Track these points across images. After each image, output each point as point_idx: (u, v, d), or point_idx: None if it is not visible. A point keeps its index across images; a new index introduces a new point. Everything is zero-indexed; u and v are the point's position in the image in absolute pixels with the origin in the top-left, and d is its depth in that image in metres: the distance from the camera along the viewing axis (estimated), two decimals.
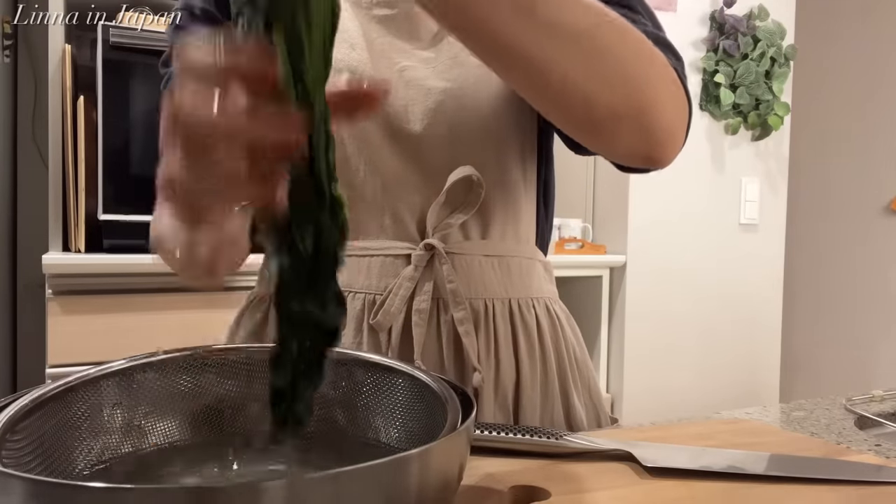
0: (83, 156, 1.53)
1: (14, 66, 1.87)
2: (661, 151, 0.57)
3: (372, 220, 0.67)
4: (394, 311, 0.65)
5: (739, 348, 2.42)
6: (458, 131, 0.66)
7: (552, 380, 0.70)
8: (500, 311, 0.68)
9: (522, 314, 0.70)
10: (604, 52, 0.50)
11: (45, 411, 0.41)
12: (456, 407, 0.42)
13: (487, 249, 0.69)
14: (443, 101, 0.66)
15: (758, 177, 2.42)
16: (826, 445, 0.61)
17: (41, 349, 1.48)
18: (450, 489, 0.39)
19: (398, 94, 0.66)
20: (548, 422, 0.69)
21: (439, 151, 0.66)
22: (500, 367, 0.67)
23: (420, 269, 0.66)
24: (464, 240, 0.68)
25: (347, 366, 0.51)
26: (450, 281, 0.66)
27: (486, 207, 0.68)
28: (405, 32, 0.68)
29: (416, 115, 0.66)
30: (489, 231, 0.69)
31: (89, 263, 1.45)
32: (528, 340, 0.69)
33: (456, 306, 0.66)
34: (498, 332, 0.68)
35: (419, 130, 0.66)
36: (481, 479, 0.50)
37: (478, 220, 0.68)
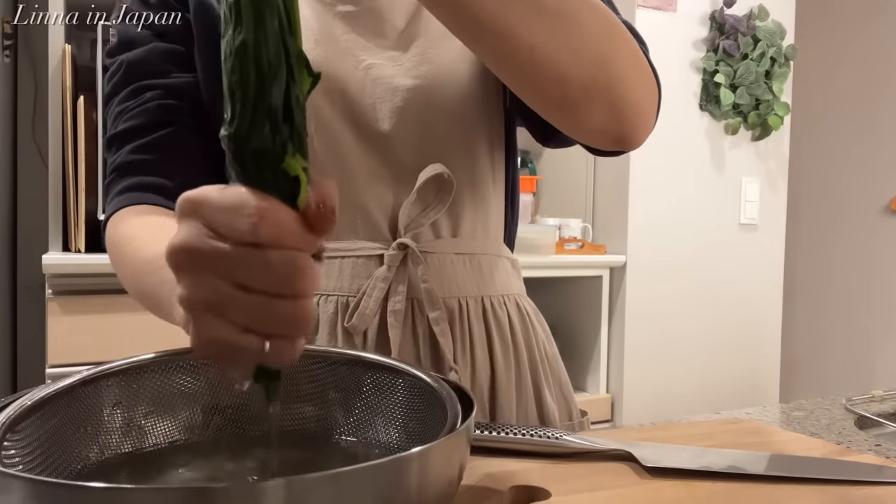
0: (83, 156, 1.53)
1: (14, 66, 1.87)
2: (632, 130, 0.57)
3: (342, 220, 0.66)
4: (369, 314, 0.65)
5: (739, 348, 2.42)
6: (428, 129, 0.66)
7: (525, 376, 0.71)
8: (473, 310, 0.68)
9: (495, 311, 0.70)
10: (574, 24, 0.50)
11: (45, 411, 0.41)
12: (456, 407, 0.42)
13: (458, 247, 0.69)
14: (411, 99, 0.65)
15: (758, 177, 2.42)
16: (826, 445, 0.61)
17: (41, 349, 1.48)
18: (450, 489, 0.39)
19: (365, 92, 0.65)
20: (522, 418, 0.70)
21: (409, 150, 0.66)
22: (476, 366, 0.68)
23: (393, 269, 0.65)
24: (435, 238, 0.68)
25: (347, 366, 0.51)
26: (424, 280, 0.66)
27: (456, 205, 0.68)
28: (370, 30, 0.67)
29: (384, 114, 0.65)
30: (460, 229, 0.69)
31: (89, 263, 1.45)
32: (501, 338, 0.69)
33: (431, 306, 0.66)
34: (472, 331, 0.68)
35: (388, 129, 0.65)
36: (481, 479, 0.50)
37: (448, 217, 0.68)
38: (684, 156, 2.26)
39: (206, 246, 0.33)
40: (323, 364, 0.52)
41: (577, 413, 0.76)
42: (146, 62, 0.65)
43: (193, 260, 0.33)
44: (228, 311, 0.33)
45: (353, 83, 0.65)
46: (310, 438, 0.50)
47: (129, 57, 0.66)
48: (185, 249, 0.33)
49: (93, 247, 1.53)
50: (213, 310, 0.33)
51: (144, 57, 0.65)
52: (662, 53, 2.21)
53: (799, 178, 2.64)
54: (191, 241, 0.33)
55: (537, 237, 2.10)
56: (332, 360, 0.52)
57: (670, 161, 2.24)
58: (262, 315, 0.33)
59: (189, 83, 0.66)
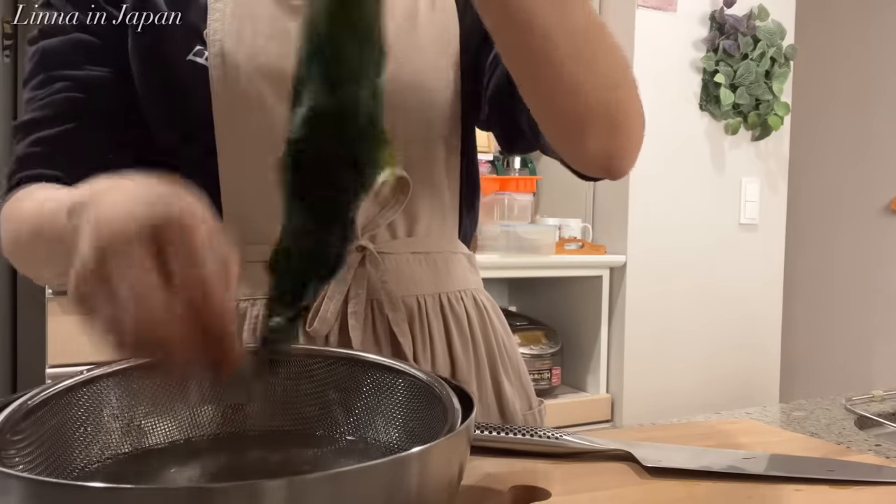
0: None
1: (14, 66, 1.87)
2: (622, 158, 0.60)
3: None
4: (330, 317, 0.64)
5: (739, 348, 2.42)
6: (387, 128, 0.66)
7: (483, 368, 0.71)
8: (431, 307, 0.69)
9: (453, 307, 0.70)
10: (596, 48, 0.54)
11: (45, 411, 0.41)
12: (456, 407, 0.42)
13: (414, 246, 0.69)
14: None
15: (758, 177, 2.42)
16: (826, 445, 0.61)
17: (41, 349, 1.48)
18: (450, 489, 0.39)
19: None
20: (483, 409, 0.70)
21: None
22: (436, 362, 0.68)
23: (352, 272, 0.65)
24: (391, 238, 0.68)
25: (347, 366, 0.51)
26: (383, 282, 0.66)
27: (412, 205, 0.68)
28: None
29: None
30: (415, 228, 0.69)
31: None
32: (460, 333, 0.70)
33: (391, 307, 0.66)
34: (432, 328, 0.68)
35: None
36: (481, 479, 0.50)
37: (404, 217, 0.68)
38: (684, 156, 2.26)
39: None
40: (323, 364, 0.52)
41: (536, 402, 0.77)
42: (60, 52, 0.64)
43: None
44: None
45: None
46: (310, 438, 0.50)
47: (45, 45, 0.65)
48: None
49: None
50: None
51: (59, 47, 0.64)
52: (662, 53, 2.20)
53: (799, 178, 2.64)
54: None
55: (537, 237, 2.10)
56: (332, 360, 0.52)
57: (670, 161, 2.24)
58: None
59: (101, 78, 0.64)
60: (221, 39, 0.61)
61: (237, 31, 0.62)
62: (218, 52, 0.61)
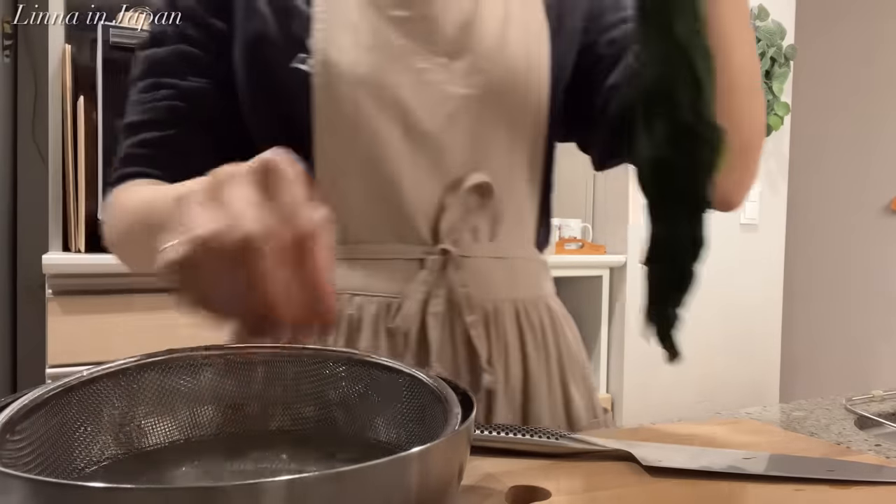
0: (83, 156, 1.53)
1: (14, 66, 1.87)
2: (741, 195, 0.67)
3: (386, 224, 0.67)
4: (412, 316, 0.66)
5: (739, 348, 2.42)
6: (476, 138, 0.67)
7: (554, 376, 0.72)
8: (508, 312, 0.70)
9: (528, 314, 0.71)
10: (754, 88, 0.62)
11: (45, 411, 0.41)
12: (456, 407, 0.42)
13: (494, 251, 0.70)
14: (463, 107, 0.67)
15: (758, 177, 2.42)
16: (826, 445, 0.61)
17: (41, 349, 1.48)
18: (450, 489, 0.39)
19: (418, 97, 0.66)
20: (551, 416, 0.71)
21: (457, 157, 0.67)
22: (510, 367, 0.69)
23: (434, 273, 0.67)
24: (473, 242, 0.69)
25: (347, 366, 0.51)
26: (463, 285, 0.67)
27: (494, 211, 0.69)
28: (421, 35, 0.67)
29: (435, 121, 0.66)
30: (497, 234, 0.70)
31: (89, 263, 1.45)
32: (534, 339, 0.71)
33: (469, 310, 0.67)
34: (507, 333, 0.69)
35: (438, 136, 0.66)
36: (481, 479, 0.50)
37: (487, 223, 0.69)
38: None
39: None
40: (323, 364, 0.52)
41: (601, 410, 0.77)
42: (166, 62, 0.68)
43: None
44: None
45: (406, 88, 0.66)
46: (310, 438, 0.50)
47: (152, 53, 0.68)
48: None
49: (93, 247, 1.53)
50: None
51: (165, 56, 0.68)
52: None
53: (799, 178, 2.64)
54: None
55: None
56: (332, 360, 0.52)
57: None
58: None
59: (203, 90, 0.68)
60: (325, 49, 0.64)
61: (339, 41, 0.65)
62: (321, 60, 0.64)
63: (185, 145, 0.67)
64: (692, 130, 0.40)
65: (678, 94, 0.40)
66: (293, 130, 0.66)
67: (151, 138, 0.67)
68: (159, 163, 0.67)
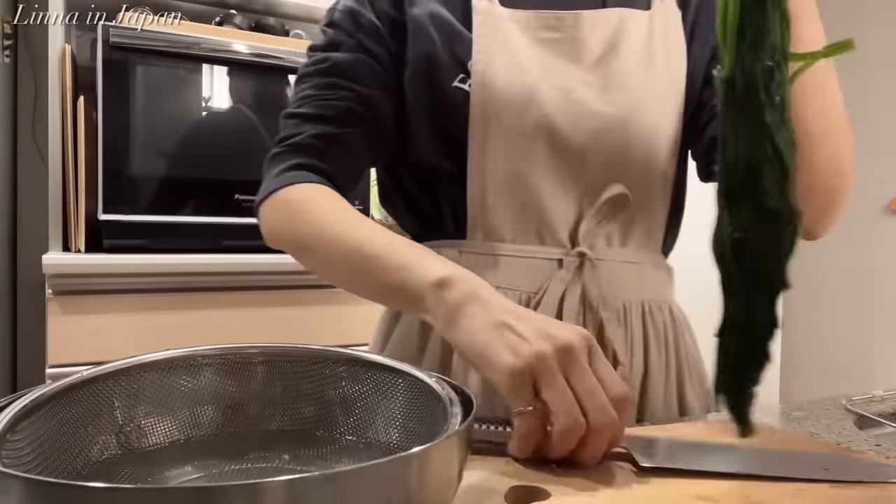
0: (83, 156, 1.53)
1: (14, 66, 1.87)
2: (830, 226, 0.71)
3: (530, 228, 0.73)
4: (550, 309, 0.71)
5: None
6: (618, 152, 0.73)
7: (672, 374, 0.78)
8: (635, 312, 0.75)
9: (653, 315, 0.77)
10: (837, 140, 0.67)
11: (45, 411, 0.41)
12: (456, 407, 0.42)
13: (625, 256, 0.75)
14: (607, 123, 0.72)
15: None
16: (826, 445, 0.61)
17: (41, 349, 1.48)
18: (450, 489, 0.39)
19: (564, 114, 0.71)
20: (665, 410, 0.77)
21: (598, 170, 0.72)
22: (633, 363, 0.74)
23: (570, 273, 0.72)
24: (606, 247, 0.74)
25: (347, 366, 0.51)
26: (598, 285, 0.72)
27: (627, 220, 0.75)
28: (568, 55, 0.73)
29: (581, 136, 0.71)
30: (628, 240, 0.76)
31: (89, 263, 1.45)
32: (656, 339, 0.76)
33: (605, 308, 0.72)
34: (633, 332, 0.74)
35: (582, 149, 0.72)
36: (481, 479, 0.50)
37: (620, 230, 0.75)
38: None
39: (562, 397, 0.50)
40: (323, 364, 0.52)
41: (714, 406, 0.82)
42: (350, 67, 0.73)
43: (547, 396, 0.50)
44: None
45: (553, 104, 0.71)
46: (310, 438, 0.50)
47: (337, 57, 0.74)
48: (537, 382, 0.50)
49: (93, 247, 1.53)
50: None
51: (350, 62, 0.73)
52: None
53: None
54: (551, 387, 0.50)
55: None
56: (332, 360, 0.52)
57: None
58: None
59: (377, 98, 0.74)
60: (483, 70, 0.70)
61: (495, 63, 0.71)
62: (480, 80, 0.70)
63: (355, 145, 0.74)
64: (777, 215, 0.42)
65: (765, 180, 0.42)
66: (450, 143, 0.73)
67: (328, 133, 0.72)
68: (329, 156, 0.72)
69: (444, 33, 0.72)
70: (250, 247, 1.58)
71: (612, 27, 0.73)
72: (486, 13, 0.72)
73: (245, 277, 1.56)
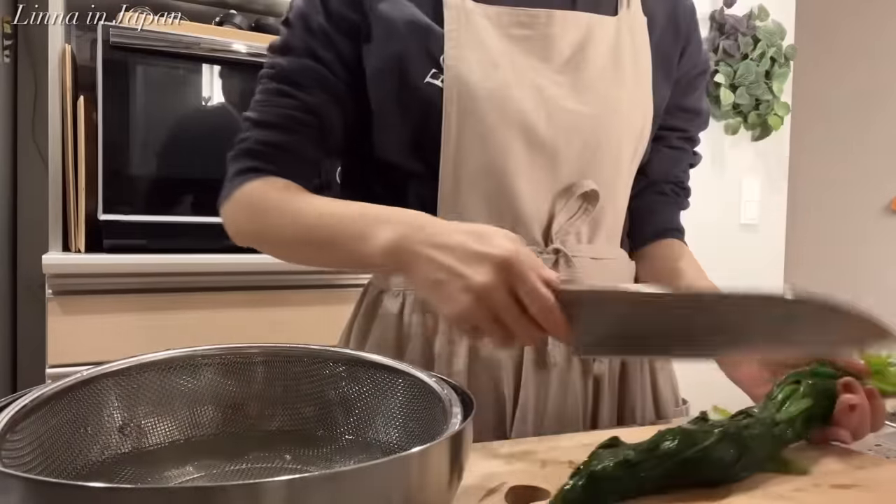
0: (83, 156, 1.53)
1: (14, 66, 1.87)
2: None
3: (505, 224, 0.71)
4: None
5: None
6: (589, 150, 0.73)
7: (646, 370, 0.80)
8: None
9: None
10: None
11: (45, 411, 0.41)
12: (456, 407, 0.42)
13: (594, 253, 0.76)
14: (580, 121, 0.72)
15: (758, 177, 2.42)
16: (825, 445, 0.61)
17: (41, 349, 1.48)
18: (450, 489, 0.39)
19: (538, 111, 0.71)
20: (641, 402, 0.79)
21: (571, 167, 0.73)
22: (612, 360, 0.76)
23: None
24: (577, 244, 0.75)
25: (347, 366, 0.51)
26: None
27: (596, 216, 0.75)
28: (538, 53, 0.73)
29: (554, 133, 0.72)
30: (595, 236, 0.76)
31: (89, 263, 1.45)
32: None
33: None
34: None
35: (556, 147, 0.72)
36: (481, 479, 0.50)
37: (588, 227, 0.76)
38: None
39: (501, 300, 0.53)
40: (323, 364, 0.52)
41: (680, 401, 0.86)
42: (293, 75, 0.74)
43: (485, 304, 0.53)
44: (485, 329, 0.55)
45: (528, 102, 0.71)
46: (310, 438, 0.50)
47: (284, 62, 0.74)
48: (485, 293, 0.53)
49: (93, 247, 1.53)
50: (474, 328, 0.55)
51: (296, 70, 0.74)
52: None
53: (799, 178, 2.64)
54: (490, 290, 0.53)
55: None
56: (332, 360, 0.52)
57: None
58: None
59: (322, 104, 0.74)
60: (456, 65, 0.70)
61: (468, 58, 0.70)
62: (453, 76, 0.70)
63: (299, 150, 0.74)
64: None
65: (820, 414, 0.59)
66: (421, 141, 0.72)
67: (272, 140, 0.74)
68: (276, 161, 0.74)
69: (414, 29, 0.72)
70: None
71: (582, 30, 0.74)
72: (458, 7, 0.71)
73: (245, 277, 1.56)
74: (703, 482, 0.50)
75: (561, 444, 0.61)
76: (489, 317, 0.54)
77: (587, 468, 0.47)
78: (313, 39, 0.73)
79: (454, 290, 0.54)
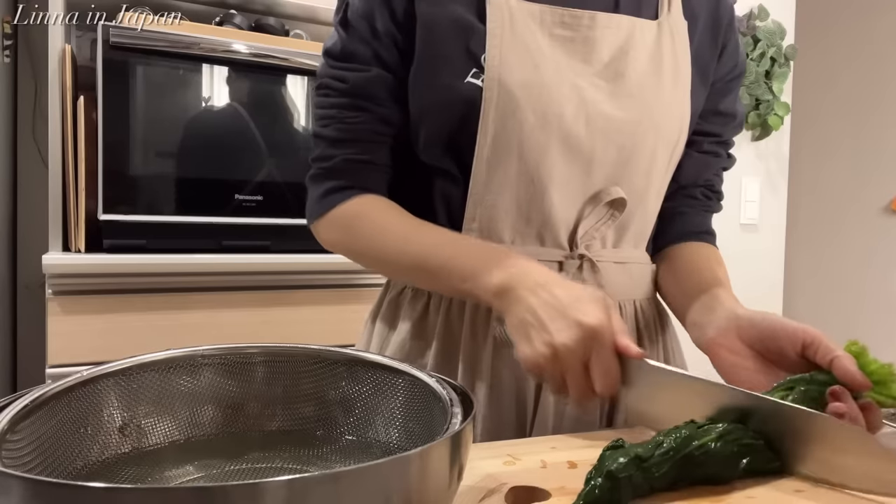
0: (83, 156, 1.53)
1: (14, 66, 1.87)
2: None
3: (533, 227, 0.73)
4: None
5: None
6: (623, 156, 0.73)
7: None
8: (629, 312, 0.78)
9: (644, 312, 0.80)
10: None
11: (45, 411, 0.41)
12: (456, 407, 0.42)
13: (617, 257, 0.77)
14: (617, 126, 0.72)
15: (758, 177, 2.42)
16: None
17: (41, 349, 1.48)
18: (450, 489, 0.39)
19: (577, 114, 0.70)
20: None
21: (604, 172, 0.73)
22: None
23: (571, 274, 0.73)
24: (601, 248, 0.75)
25: (347, 366, 0.51)
26: (599, 285, 0.73)
27: (622, 221, 0.75)
28: (580, 55, 0.72)
29: (592, 136, 0.71)
30: (621, 241, 0.77)
31: (89, 263, 1.45)
32: (648, 335, 0.80)
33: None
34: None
35: (592, 151, 0.72)
36: (481, 479, 0.50)
37: (614, 233, 0.76)
38: None
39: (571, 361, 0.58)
40: (323, 364, 0.52)
41: None
42: (367, 87, 0.73)
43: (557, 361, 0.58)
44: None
45: (566, 103, 0.70)
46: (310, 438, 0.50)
47: (351, 75, 0.73)
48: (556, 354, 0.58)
49: (93, 247, 1.53)
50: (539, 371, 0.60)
51: (368, 81, 0.73)
52: None
53: (799, 178, 2.64)
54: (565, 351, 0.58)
55: None
56: (332, 360, 0.52)
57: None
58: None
59: (395, 113, 0.74)
60: (499, 65, 0.69)
61: (510, 58, 0.69)
62: (494, 76, 0.69)
63: (383, 161, 0.76)
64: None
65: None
66: (456, 141, 0.72)
67: (357, 157, 0.74)
68: (363, 176, 0.75)
69: (456, 27, 0.70)
70: (250, 247, 1.58)
71: (623, 34, 0.73)
72: (501, 5, 0.70)
73: (245, 277, 1.56)
74: (709, 480, 0.50)
75: (561, 445, 0.61)
76: (557, 371, 0.58)
77: (602, 468, 0.47)
78: (378, 43, 0.72)
79: (537, 339, 0.59)
